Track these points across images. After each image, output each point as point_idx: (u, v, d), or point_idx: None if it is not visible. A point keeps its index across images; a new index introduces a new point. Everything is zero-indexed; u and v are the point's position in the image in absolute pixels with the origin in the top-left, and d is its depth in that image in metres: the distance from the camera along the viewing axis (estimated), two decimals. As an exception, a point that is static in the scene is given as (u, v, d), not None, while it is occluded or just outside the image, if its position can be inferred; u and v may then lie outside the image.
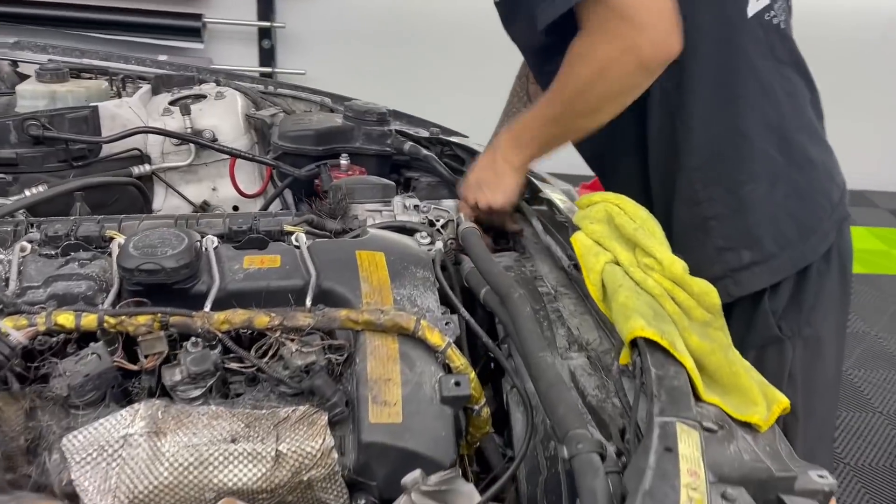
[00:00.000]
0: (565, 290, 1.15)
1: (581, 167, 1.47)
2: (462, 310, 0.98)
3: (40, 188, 1.40)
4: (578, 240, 1.07)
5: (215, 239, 0.97)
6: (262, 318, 0.85)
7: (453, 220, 1.18)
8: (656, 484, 0.65)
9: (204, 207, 1.63)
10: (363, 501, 0.82)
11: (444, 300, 0.99)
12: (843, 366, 1.35)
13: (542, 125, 1.16)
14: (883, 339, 3.18)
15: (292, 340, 0.84)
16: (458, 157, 1.71)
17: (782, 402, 0.88)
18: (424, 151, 1.60)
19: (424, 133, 1.82)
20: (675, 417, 0.74)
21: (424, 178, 1.67)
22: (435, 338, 0.86)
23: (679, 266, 0.97)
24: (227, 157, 1.59)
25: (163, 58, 4.05)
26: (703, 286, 0.96)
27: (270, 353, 0.85)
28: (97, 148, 1.50)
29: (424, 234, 1.08)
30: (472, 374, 0.88)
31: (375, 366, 0.84)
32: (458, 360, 0.87)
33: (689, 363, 0.85)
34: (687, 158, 1.20)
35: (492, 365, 1.09)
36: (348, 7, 4.27)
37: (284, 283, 0.91)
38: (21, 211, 1.30)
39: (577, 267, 1.11)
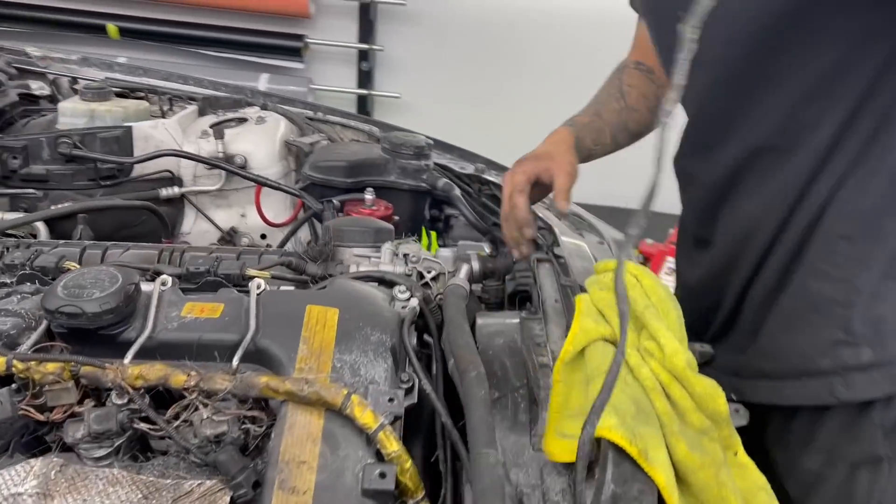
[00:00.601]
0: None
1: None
2: (423, 381, 0.86)
3: (67, 205, 1.41)
4: (582, 300, 0.94)
5: (169, 280, 0.91)
6: (178, 377, 0.77)
7: (445, 273, 1.07)
8: None
9: (232, 234, 1.59)
10: None
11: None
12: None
13: None
14: None
15: (206, 405, 0.76)
16: (495, 198, 1.60)
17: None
18: (455, 191, 1.50)
19: (470, 168, 1.72)
20: (614, 558, 0.60)
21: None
22: (366, 417, 0.75)
23: (682, 359, 0.82)
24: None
25: (264, 77, 4.17)
26: (709, 388, 0.80)
27: (183, 417, 0.77)
28: (128, 168, 1.49)
29: (404, 287, 0.97)
30: (409, 463, 0.76)
31: (291, 444, 0.73)
32: (392, 445, 0.75)
33: (664, 479, 0.70)
34: (840, 224, 0.96)
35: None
36: (446, 31, 4.24)
37: (217, 337, 0.82)
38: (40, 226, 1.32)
39: None
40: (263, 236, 1.62)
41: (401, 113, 4.39)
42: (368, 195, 1.44)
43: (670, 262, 3.36)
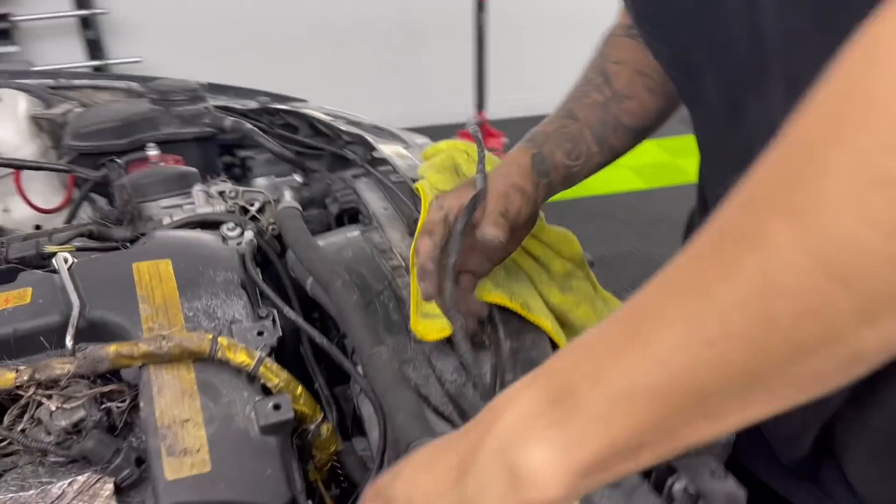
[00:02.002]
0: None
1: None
2: (285, 308, 0.81)
3: None
4: (423, 186, 0.92)
5: (-49, 280, 0.76)
6: (6, 376, 0.65)
7: (271, 202, 1.00)
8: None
9: (-2, 234, 1.38)
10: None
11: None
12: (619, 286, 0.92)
13: (685, 350, 0.34)
14: (656, 253, 2.93)
15: (50, 397, 0.65)
16: (291, 126, 1.52)
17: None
18: (248, 125, 1.41)
19: (253, 104, 1.62)
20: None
21: (261, 154, 1.48)
22: (240, 356, 0.69)
23: None
24: (11, 171, 1.34)
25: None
26: (560, 234, 0.83)
27: (27, 417, 0.66)
28: None
29: (232, 224, 0.90)
30: (299, 389, 0.72)
31: (167, 407, 0.66)
32: (276, 376, 0.70)
33: (548, 324, 0.72)
34: None
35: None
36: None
37: (37, 323, 0.71)
38: None
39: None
40: (38, 227, 1.41)
41: (147, 78, 4.02)
42: (152, 151, 1.30)
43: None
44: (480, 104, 3.87)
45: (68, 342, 0.69)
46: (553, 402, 0.37)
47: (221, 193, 0.98)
